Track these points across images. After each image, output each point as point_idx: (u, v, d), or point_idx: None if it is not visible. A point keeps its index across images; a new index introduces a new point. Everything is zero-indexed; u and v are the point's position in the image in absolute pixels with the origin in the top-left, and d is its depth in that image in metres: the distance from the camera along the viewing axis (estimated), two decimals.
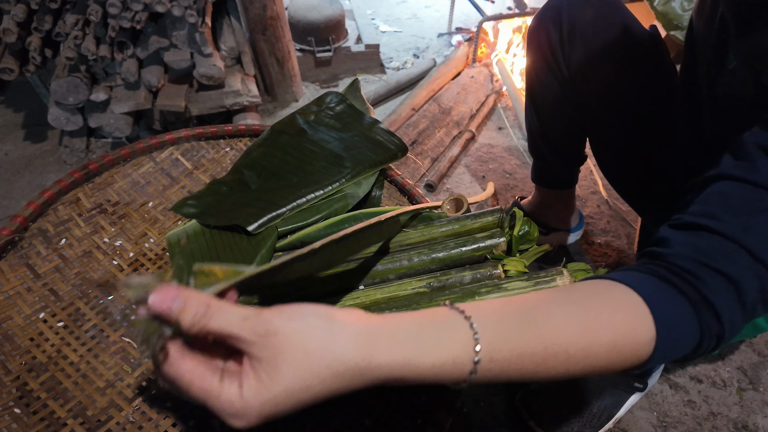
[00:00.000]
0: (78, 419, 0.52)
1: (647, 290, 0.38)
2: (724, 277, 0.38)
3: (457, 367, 0.33)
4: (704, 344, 0.40)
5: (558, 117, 0.92)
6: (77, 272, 0.65)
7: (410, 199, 0.76)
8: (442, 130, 1.49)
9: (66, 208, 0.72)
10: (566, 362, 0.36)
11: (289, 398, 0.30)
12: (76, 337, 0.59)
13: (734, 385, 0.95)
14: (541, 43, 0.85)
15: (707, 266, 0.39)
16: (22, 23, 1.24)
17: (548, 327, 0.36)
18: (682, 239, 0.41)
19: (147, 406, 0.53)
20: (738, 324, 0.40)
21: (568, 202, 1.12)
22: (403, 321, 0.34)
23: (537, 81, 0.91)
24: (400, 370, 0.32)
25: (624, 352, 0.37)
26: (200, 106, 1.41)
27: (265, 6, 1.45)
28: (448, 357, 0.33)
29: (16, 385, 0.54)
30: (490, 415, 0.90)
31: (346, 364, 0.31)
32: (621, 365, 0.38)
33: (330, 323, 0.32)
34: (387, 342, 0.32)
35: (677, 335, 0.39)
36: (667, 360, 0.44)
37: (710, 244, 0.40)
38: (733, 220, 0.39)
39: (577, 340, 0.36)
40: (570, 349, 0.36)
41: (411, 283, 0.58)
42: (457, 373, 0.34)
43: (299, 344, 0.30)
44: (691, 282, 0.39)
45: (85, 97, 1.31)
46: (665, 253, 0.41)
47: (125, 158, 0.79)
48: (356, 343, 0.31)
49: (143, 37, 1.34)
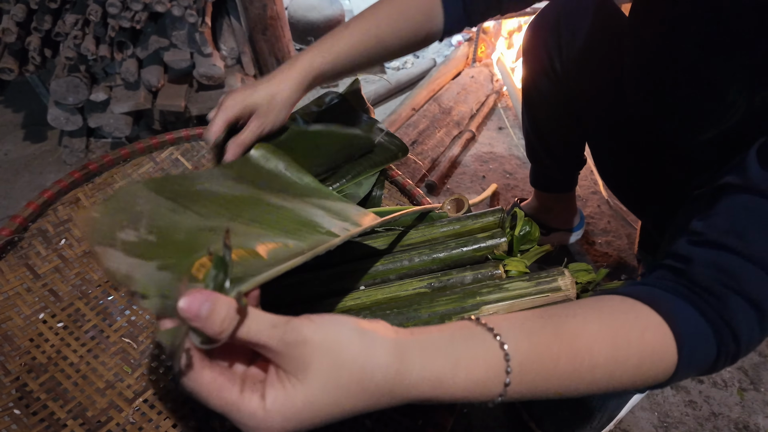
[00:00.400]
0: (78, 420, 0.52)
1: (670, 311, 0.38)
2: (747, 300, 0.38)
3: (488, 386, 0.33)
4: (720, 364, 0.40)
5: (555, 124, 0.92)
6: (77, 272, 0.65)
7: (411, 199, 0.76)
8: (442, 130, 1.48)
9: (66, 208, 0.72)
10: (591, 384, 0.36)
11: (314, 414, 0.28)
12: (75, 337, 0.58)
13: (735, 386, 0.95)
14: (538, 49, 0.84)
15: (730, 288, 0.38)
16: (22, 23, 1.24)
17: (577, 346, 0.35)
18: (705, 258, 0.41)
19: (147, 406, 0.53)
20: (755, 344, 0.40)
21: (568, 204, 1.12)
22: (432, 335, 0.33)
23: (534, 88, 0.90)
24: (432, 390, 0.31)
25: (647, 375, 0.37)
26: (200, 106, 1.41)
27: (265, 6, 1.45)
28: (480, 377, 0.32)
29: (16, 386, 0.53)
30: (490, 416, 0.90)
31: (378, 381, 0.29)
32: (642, 386, 0.38)
33: (362, 336, 0.30)
34: (419, 359, 0.31)
35: (697, 357, 0.39)
36: (683, 379, 0.44)
37: (734, 264, 0.39)
38: (760, 242, 0.39)
39: (605, 361, 0.36)
40: (597, 372, 0.36)
41: (412, 284, 0.58)
42: (487, 393, 0.33)
43: (329, 356, 0.28)
44: (713, 304, 0.38)
45: (84, 97, 1.31)
46: (687, 271, 0.41)
47: (125, 158, 0.79)
48: (389, 359, 0.30)
49: (143, 37, 1.34)
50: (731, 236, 0.40)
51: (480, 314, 0.54)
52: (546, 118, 0.93)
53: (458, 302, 0.54)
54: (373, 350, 0.30)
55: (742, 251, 0.39)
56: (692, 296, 0.39)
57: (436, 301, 0.54)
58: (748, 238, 0.39)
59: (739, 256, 0.39)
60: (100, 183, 0.76)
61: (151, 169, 0.79)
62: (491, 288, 0.55)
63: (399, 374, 0.30)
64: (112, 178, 0.77)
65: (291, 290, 0.59)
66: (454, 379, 0.32)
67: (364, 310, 0.54)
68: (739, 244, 0.39)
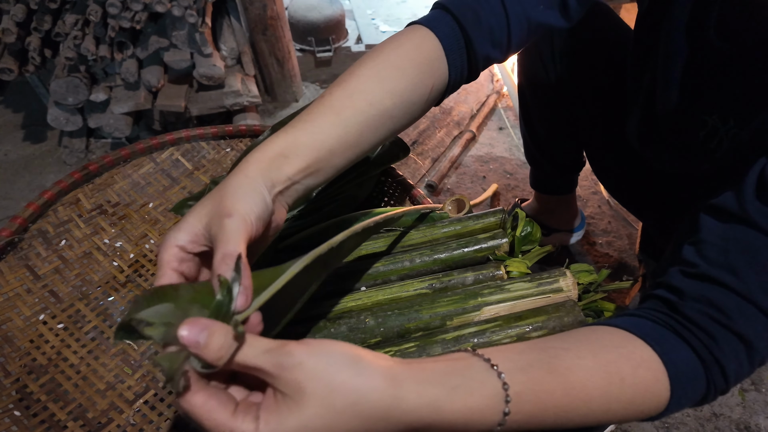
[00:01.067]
0: (78, 422, 0.52)
1: (663, 348, 0.38)
2: (738, 337, 0.39)
3: (487, 414, 0.33)
4: (708, 398, 0.41)
5: (553, 129, 0.92)
6: (77, 273, 0.64)
7: (411, 199, 0.76)
8: (442, 131, 1.48)
9: (66, 209, 0.72)
10: (585, 416, 0.36)
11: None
12: (76, 338, 0.58)
13: (736, 386, 0.95)
14: (532, 57, 0.84)
15: (721, 324, 0.39)
16: (22, 23, 1.23)
17: (572, 381, 0.35)
18: (698, 292, 0.40)
19: (148, 408, 0.53)
20: (743, 378, 0.40)
21: (568, 204, 1.12)
22: (428, 365, 0.33)
23: (530, 95, 0.90)
24: (428, 415, 0.31)
25: (639, 409, 0.38)
26: (200, 106, 1.41)
27: (265, 6, 1.45)
28: (477, 406, 0.32)
29: (16, 388, 0.53)
30: None
31: (373, 404, 0.29)
32: (634, 419, 0.39)
33: (356, 361, 0.30)
34: (416, 385, 0.31)
35: (688, 394, 0.39)
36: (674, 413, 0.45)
37: (726, 301, 0.39)
38: (754, 279, 0.39)
39: (600, 394, 0.36)
40: (592, 405, 0.36)
41: (413, 284, 0.58)
42: (486, 421, 0.33)
43: (323, 379, 0.29)
44: (704, 341, 0.39)
45: (84, 98, 1.31)
46: (680, 306, 0.41)
47: (125, 159, 0.79)
48: (384, 383, 0.30)
49: (143, 37, 1.33)
50: (725, 271, 0.40)
51: (481, 315, 0.54)
52: (542, 125, 0.92)
53: (459, 303, 0.54)
54: (368, 374, 0.30)
55: (735, 287, 0.39)
56: (684, 332, 0.40)
57: (437, 302, 0.54)
58: (741, 274, 0.39)
59: (732, 292, 0.39)
60: (100, 183, 0.76)
61: (151, 169, 0.79)
62: (493, 289, 0.55)
63: (395, 398, 0.30)
64: (112, 178, 0.77)
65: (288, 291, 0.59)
66: (451, 406, 0.31)
67: (365, 311, 0.54)
68: (733, 281, 0.39)
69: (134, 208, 0.73)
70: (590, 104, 0.80)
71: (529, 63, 0.85)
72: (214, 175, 0.79)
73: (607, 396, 0.36)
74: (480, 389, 0.33)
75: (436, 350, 0.50)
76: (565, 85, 0.81)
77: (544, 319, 0.52)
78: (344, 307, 0.56)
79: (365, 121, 0.43)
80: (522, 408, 0.33)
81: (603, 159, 0.85)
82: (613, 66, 0.75)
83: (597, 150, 0.85)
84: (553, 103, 0.86)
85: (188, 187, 0.77)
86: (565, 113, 0.86)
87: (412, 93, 0.47)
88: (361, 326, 0.52)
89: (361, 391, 0.29)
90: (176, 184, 0.78)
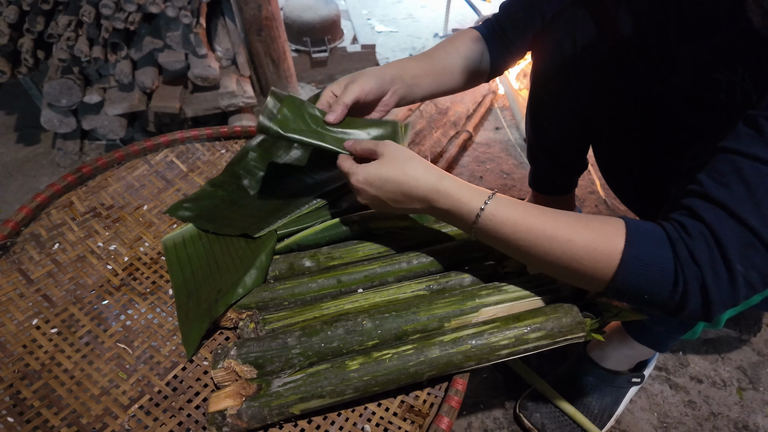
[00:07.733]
0: (72, 427, 0.51)
1: (631, 220, 0.46)
2: (706, 226, 0.43)
3: (472, 209, 0.50)
4: (685, 298, 0.43)
5: (562, 128, 0.90)
6: (71, 277, 0.64)
7: None
8: (439, 131, 1.48)
9: (59, 212, 0.71)
10: (551, 241, 0.47)
11: (379, 176, 0.53)
12: (70, 343, 0.57)
13: (734, 385, 0.95)
14: (552, 53, 0.80)
15: (691, 215, 0.44)
16: (14, 25, 1.22)
17: (546, 214, 0.48)
18: (684, 202, 0.46)
19: (143, 413, 0.52)
20: (722, 278, 0.42)
21: (566, 205, 1.11)
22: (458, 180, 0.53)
23: (544, 91, 0.87)
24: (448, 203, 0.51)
25: (598, 251, 0.45)
26: (195, 107, 1.40)
27: (260, 6, 1.44)
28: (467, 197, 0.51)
29: (9, 393, 0.53)
30: (489, 417, 0.89)
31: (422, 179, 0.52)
32: (593, 266, 0.46)
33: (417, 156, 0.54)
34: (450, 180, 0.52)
35: (649, 251, 0.44)
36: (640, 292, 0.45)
37: (702, 205, 0.44)
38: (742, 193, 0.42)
39: (565, 227, 0.47)
40: (558, 232, 0.47)
41: (410, 286, 0.57)
42: (466, 213, 0.51)
43: (396, 154, 0.54)
44: (673, 225, 0.45)
45: (78, 99, 1.30)
46: (665, 212, 0.48)
47: (119, 161, 0.78)
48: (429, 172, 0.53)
49: (137, 38, 1.33)
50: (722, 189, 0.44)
51: (479, 316, 0.53)
52: (552, 121, 0.90)
53: (457, 304, 0.53)
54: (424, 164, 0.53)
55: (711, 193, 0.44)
56: (663, 224, 0.45)
57: (434, 304, 0.54)
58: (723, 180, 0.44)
59: (708, 200, 0.44)
60: (94, 186, 0.75)
61: (145, 171, 0.78)
62: (490, 290, 0.55)
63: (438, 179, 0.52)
64: (106, 181, 0.76)
65: (287, 292, 0.58)
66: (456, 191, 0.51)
67: (362, 314, 0.54)
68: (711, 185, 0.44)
69: (128, 210, 0.73)
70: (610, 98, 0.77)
71: (547, 56, 0.82)
72: (209, 177, 0.78)
73: (573, 232, 0.46)
74: (474, 194, 0.51)
75: (434, 352, 0.50)
76: (586, 74, 0.78)
77: (542, 320, 0.51)
78: (341, 310, 0.56)
79: (443, 64, 0.74)
80: (498, 210, 0.49)
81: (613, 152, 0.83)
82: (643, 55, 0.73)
83: (609, 142, 0.83)
84: (568, 99, 0.84)
85: (183, 189, 0.77)
86: (578, 109, 0.84)
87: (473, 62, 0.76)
88: (359, 329, 0.52)
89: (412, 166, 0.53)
90: (171, 186, 0.77)
